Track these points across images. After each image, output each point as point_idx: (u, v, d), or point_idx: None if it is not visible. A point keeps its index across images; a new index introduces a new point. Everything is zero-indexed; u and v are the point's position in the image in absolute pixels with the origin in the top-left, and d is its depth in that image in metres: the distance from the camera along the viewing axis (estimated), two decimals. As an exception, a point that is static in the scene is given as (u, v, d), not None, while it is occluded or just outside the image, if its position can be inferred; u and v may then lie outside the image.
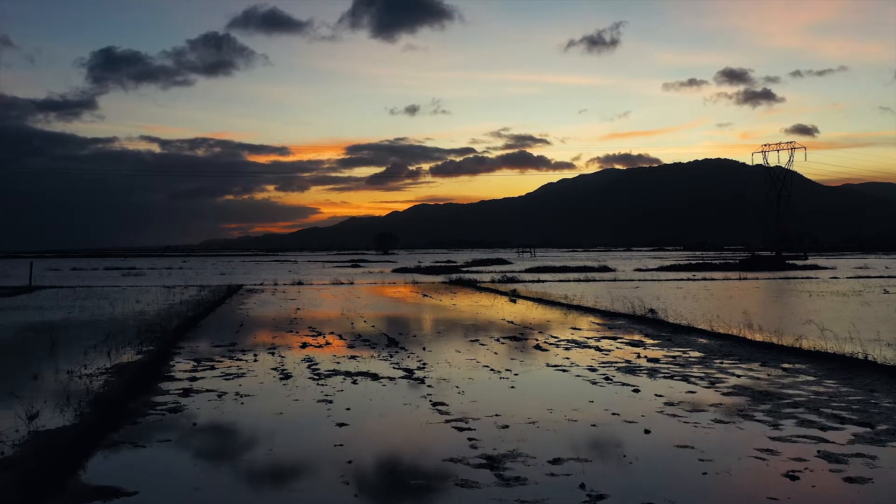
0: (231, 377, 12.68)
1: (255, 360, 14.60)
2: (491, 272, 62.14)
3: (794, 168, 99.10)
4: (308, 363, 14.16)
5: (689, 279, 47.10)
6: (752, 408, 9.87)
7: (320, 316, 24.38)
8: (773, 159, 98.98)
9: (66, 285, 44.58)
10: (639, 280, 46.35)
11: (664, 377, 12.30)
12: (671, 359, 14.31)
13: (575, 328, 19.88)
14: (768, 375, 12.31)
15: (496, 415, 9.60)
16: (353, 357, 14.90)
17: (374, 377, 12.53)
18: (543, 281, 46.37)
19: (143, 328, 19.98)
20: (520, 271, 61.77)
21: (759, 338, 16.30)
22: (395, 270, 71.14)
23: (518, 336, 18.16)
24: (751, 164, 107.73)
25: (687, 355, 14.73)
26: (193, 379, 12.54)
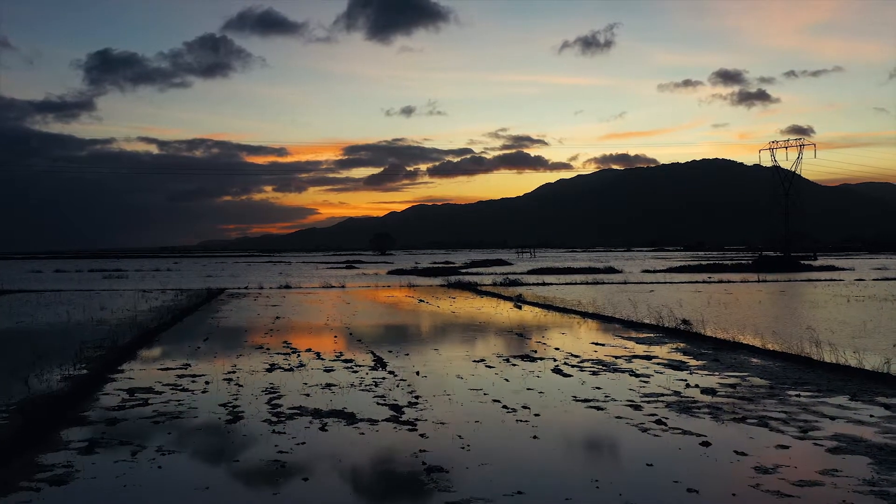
0: (163, 419, 9.65)
1: (205, 391, 11.57)
2: (491, 274, 59.14)
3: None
4: (270, 395, 11.14)
5: (704, 281, 44.05)
6: (885, 478, 6.86)
7: (300, 326, 21.35)
8: (781, 157, 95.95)
9: (35, 289, 41.48)
10: (651, 282, 43.32)
11: (734, 419, 9.29)
12: (730, 388, 11.30)
13: (597, 343, 16.87)
14: (871, 417, 9.30)
15: (518, 492, 6.58)
16: (328, 386, 11.87)
17: (351, 419, 9.50)
18: (548, 284, 43.36)
19: (89, 343, 16.98)
20: (522, 273, 58.76)
21: (827, 358, 13.29)
22: (390, 272, 68.05)
23: (531, 354, 15.14)
24: (758, 162, 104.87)
25: (748, 383, 11.72)
26: (113, 422, 9.52)
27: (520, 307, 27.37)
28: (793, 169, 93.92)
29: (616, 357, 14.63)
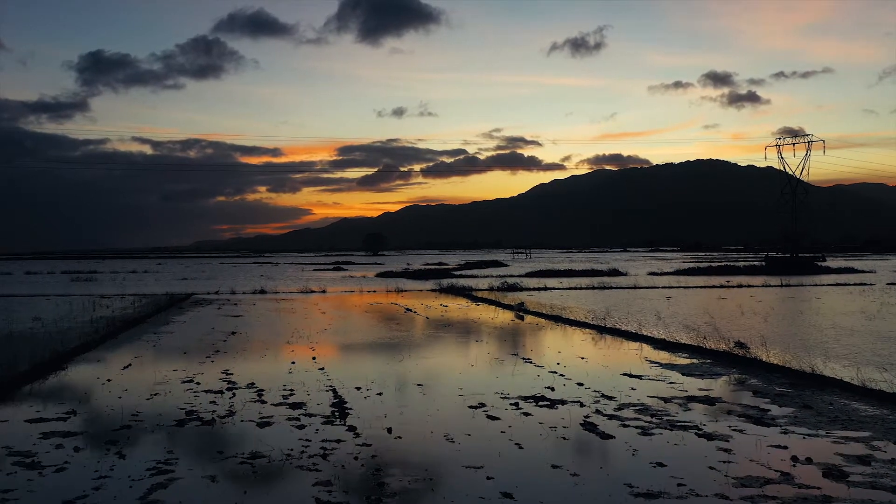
0: (-55, 541, 5.69)
1: (62, 469, 7.60)
2: (487, 276, 55.22)
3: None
4: (154, 479, 7.18)
5: (723, 286, 40.12)
6: None
7: (254, 347, 17.35)
8: (786, 156, 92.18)
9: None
10: (664, 287, 39.36)
11: (920, 547, 5.38)
12: (862, 465, 7.38)
13: (631, 374, 12.92)
14: None
15: None
16: (252, 458, 7.91)
17: (261, 545, 5.55)
18: (551, 288, 39.41)
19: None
20: (520, 276, 54.81)
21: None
22: (379, 275, 63.95)
23: (547, 395, 11.19)
24: (759, 161, 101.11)
25: (883, 454, 7.79)
26: None
27: (522, 318, 23.46)
28: (801, 167, 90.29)
29: (665, 400, 10.70)
